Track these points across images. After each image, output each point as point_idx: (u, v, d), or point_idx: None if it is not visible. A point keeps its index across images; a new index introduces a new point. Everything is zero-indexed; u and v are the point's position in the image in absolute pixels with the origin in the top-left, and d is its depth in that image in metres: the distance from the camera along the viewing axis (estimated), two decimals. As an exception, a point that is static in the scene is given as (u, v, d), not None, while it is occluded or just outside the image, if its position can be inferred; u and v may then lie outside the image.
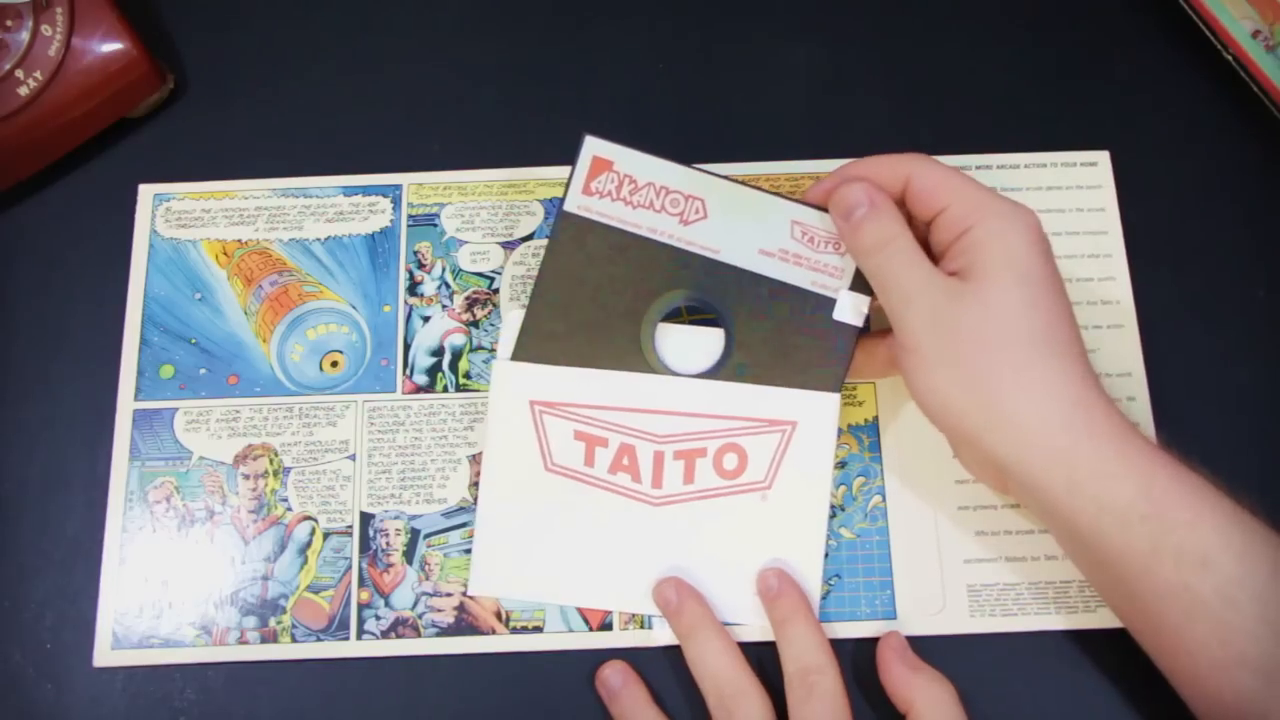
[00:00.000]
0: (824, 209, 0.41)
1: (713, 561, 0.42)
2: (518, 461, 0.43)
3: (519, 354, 0.42)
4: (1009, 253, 0.37)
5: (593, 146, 0.42)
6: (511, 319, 0.43)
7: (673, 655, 0.42)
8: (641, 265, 0.42)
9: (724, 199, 0.42)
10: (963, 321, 0.37)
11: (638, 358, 0.42)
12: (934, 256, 0.39)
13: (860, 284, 0.41)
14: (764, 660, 0.41)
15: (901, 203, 0.40)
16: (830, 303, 0.42)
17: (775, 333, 0.42)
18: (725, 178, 0.42)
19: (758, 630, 0.42)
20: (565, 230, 0.42)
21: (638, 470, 0.42)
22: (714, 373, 0.42)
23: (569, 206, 0.42)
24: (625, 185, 0.42)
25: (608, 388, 0.42)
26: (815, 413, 0.42)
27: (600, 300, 0.42)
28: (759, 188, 0.42)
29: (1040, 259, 0.38)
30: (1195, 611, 0.34)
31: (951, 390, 0.37)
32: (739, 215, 0.42)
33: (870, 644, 0.42)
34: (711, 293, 0.42)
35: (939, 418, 0.38)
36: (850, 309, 0.42)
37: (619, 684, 0.41)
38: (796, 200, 0.42)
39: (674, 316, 0.43)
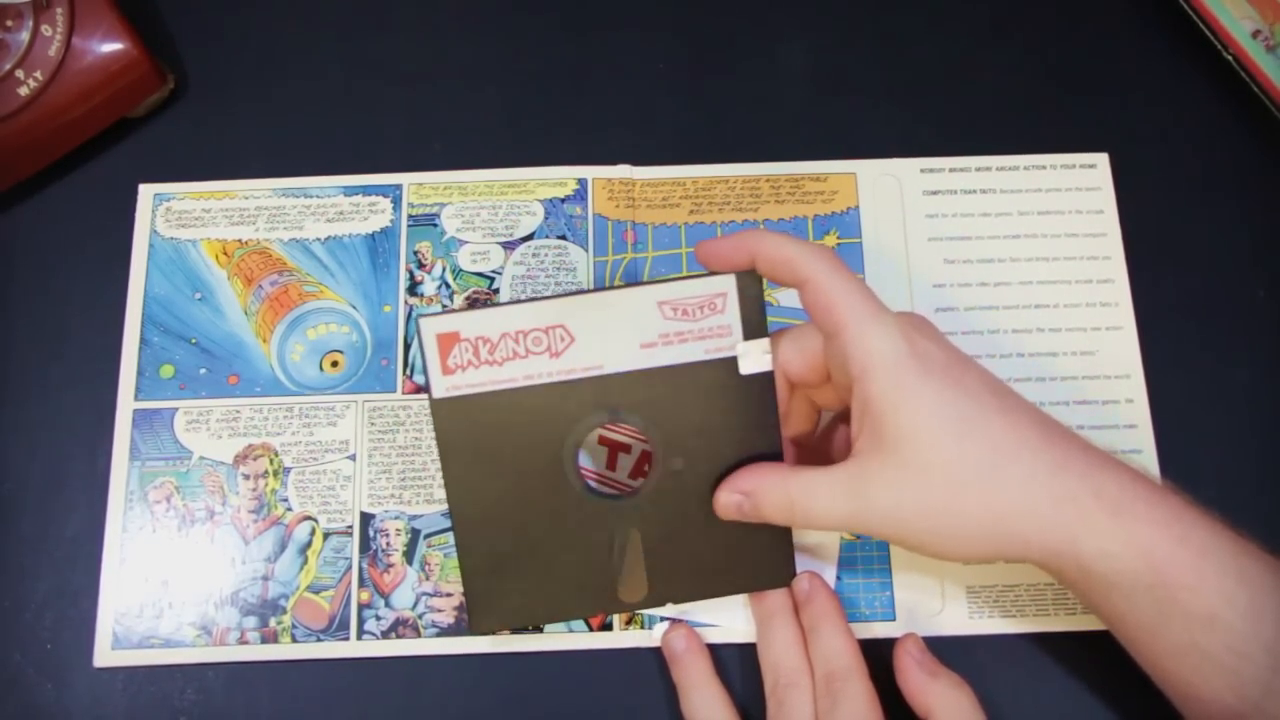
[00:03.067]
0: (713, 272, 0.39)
1: None
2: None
3: (464, 544, 0.40)
4: (914, 413, 0.35)
5: (431, 326, 0.38)
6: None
7: (672, 655, 0.42)
8: (535, 414, 0.39)
9: (581, 315, 0.39)
10: (915, 504, 0.36)
11: (575, 498, 0.40)
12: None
13: (752, 330, 0.39)
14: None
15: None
16: (732, 362, 0.39)
17: (696, 415, 0.40)
18: (572, 293, 0.39)
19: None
20: (444, 418, 0.39)
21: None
22: (653, 480, 0.40)
23: (436, 394, 0.39)
24: (482, 348, 0.38)
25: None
26: None
27: (511, 461, 0.39)
28: (609, 286, 0.39)
29: (940, 389, 0.35)
30: (1207, 667, 0.34)
31: (958, 548, 0.36)
32: (604, 323, 0.39)
33: (869, 645, 0.42)
34: (617, 407, 0.39)
35: (963, 561, 0.38)
36: (754, 358, 0.39)
37: (682, 649, 0.41)
38: (651, 281, 0.39)
39: (591, 445, 0.42)
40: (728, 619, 0.43)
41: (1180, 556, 0.34)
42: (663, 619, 0.43)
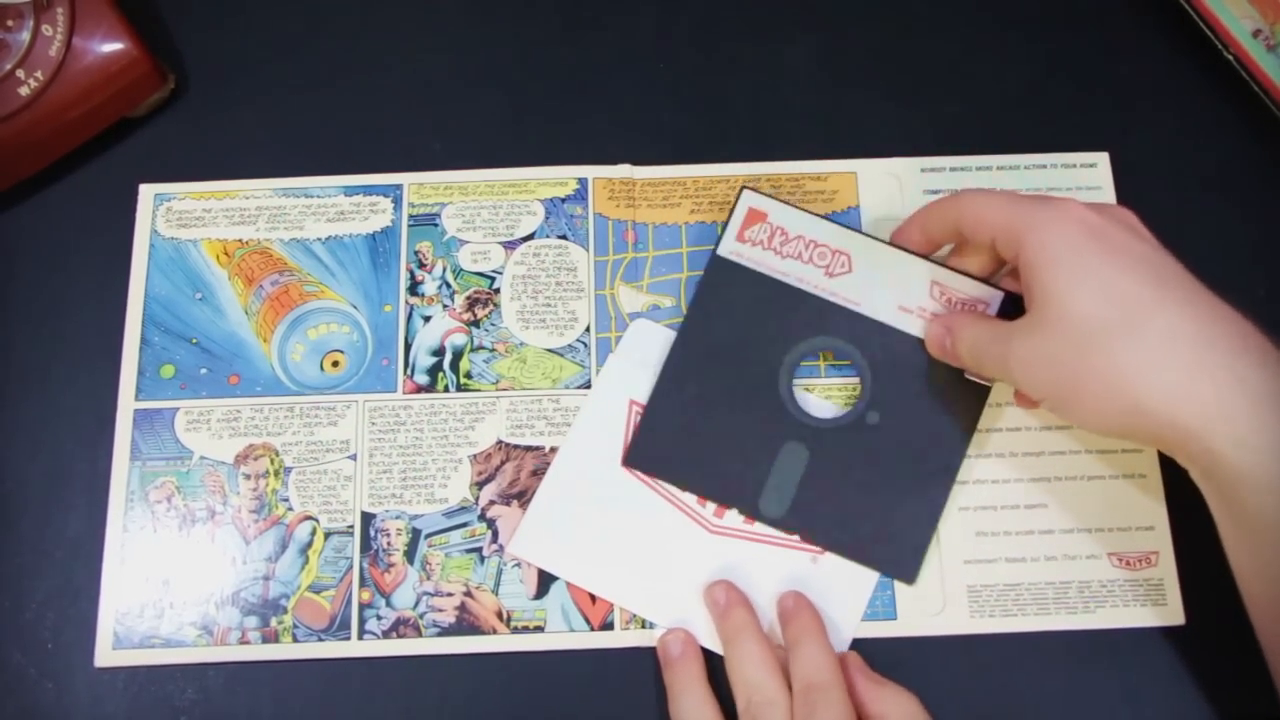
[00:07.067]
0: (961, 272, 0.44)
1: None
2: (599, 447, 0.44)
3: (662, 386, 0.44)
4: (1055, 265, 0.37)
5: (749, 199, 0.45)
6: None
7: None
8: (785, 310, 0.44)
9: (869, 255, 0.44)
10: (1046, 356, 0.37)
11: (773, 398, 0.43)
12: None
13: None
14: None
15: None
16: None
17: (909, 388, 0.43)
18: (871, 236, 0.44)
19: None
20: (716, 272, 0.44)
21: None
22: (845, 420, 0.43)
23: (722, 251, 0.44)
24: (776, 236, 0.44)
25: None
26: None
27: (743, 337, 0.44)
28: (902, 248, 0.44)
29: (1086, 247, 0.36)
30: None
31: (1085, 408, 0.37)
32: (882, 271, 0.44)
33: (870, 645, 0.42)
34: (851, 343, 0.43)
35: (1094, 429, 0.38)
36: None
37: (677, 653, 0.41)
38: (937, 262, 0.44)
39: (813, 361, 0.45)
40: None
41: None
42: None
